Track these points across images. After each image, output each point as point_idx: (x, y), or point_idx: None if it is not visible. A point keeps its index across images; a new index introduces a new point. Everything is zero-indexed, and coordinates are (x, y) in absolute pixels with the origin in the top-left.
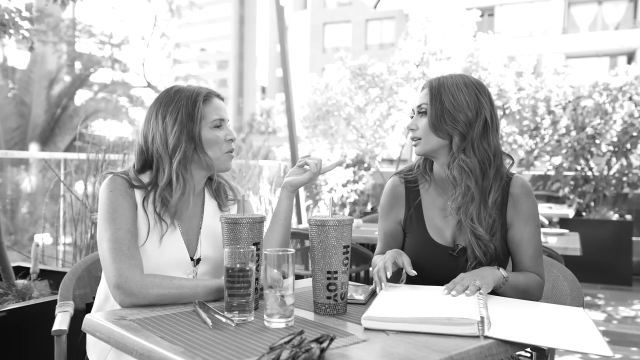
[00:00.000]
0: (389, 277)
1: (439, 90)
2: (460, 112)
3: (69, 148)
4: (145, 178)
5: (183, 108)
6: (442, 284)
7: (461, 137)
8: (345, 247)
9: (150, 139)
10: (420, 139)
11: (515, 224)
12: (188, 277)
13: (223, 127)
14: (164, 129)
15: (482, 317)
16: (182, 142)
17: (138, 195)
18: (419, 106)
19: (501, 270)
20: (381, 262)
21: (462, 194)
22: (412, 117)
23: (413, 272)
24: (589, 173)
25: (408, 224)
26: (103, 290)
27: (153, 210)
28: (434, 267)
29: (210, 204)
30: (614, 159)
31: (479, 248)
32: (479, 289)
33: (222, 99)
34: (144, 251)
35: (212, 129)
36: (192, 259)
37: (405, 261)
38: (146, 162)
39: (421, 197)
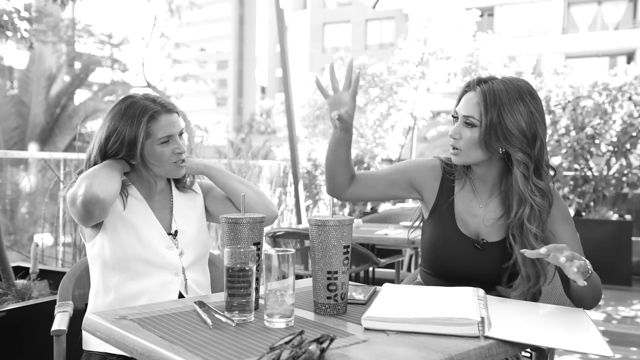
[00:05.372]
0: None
1: (494, 103)
2: (517, 129)
3: (69, 148)
4: None
5: (128, 128)
6: (461, 276)
7: (521, 154)
8: (345, 247)
9: (92, 147)
10: (460, 150)
11: (553, 224)
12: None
13: (171, 142)
14: (106, 137)
15: (482, 318)
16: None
17: None
18: (466, 117)
19: (587, 262)
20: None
21: (529, 209)
22: (454, 117)
23: (335, 115)
24: (589, 173)
25: (436, 211)
26: (95, 288)
27: None
28: (456, 256)
29: (175, 189)
30: (613, 159)
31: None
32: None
33: (175, 112)
34: (126, 236)
35: (159, 145)
36: (169, 233)
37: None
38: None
39: (454, 196)
